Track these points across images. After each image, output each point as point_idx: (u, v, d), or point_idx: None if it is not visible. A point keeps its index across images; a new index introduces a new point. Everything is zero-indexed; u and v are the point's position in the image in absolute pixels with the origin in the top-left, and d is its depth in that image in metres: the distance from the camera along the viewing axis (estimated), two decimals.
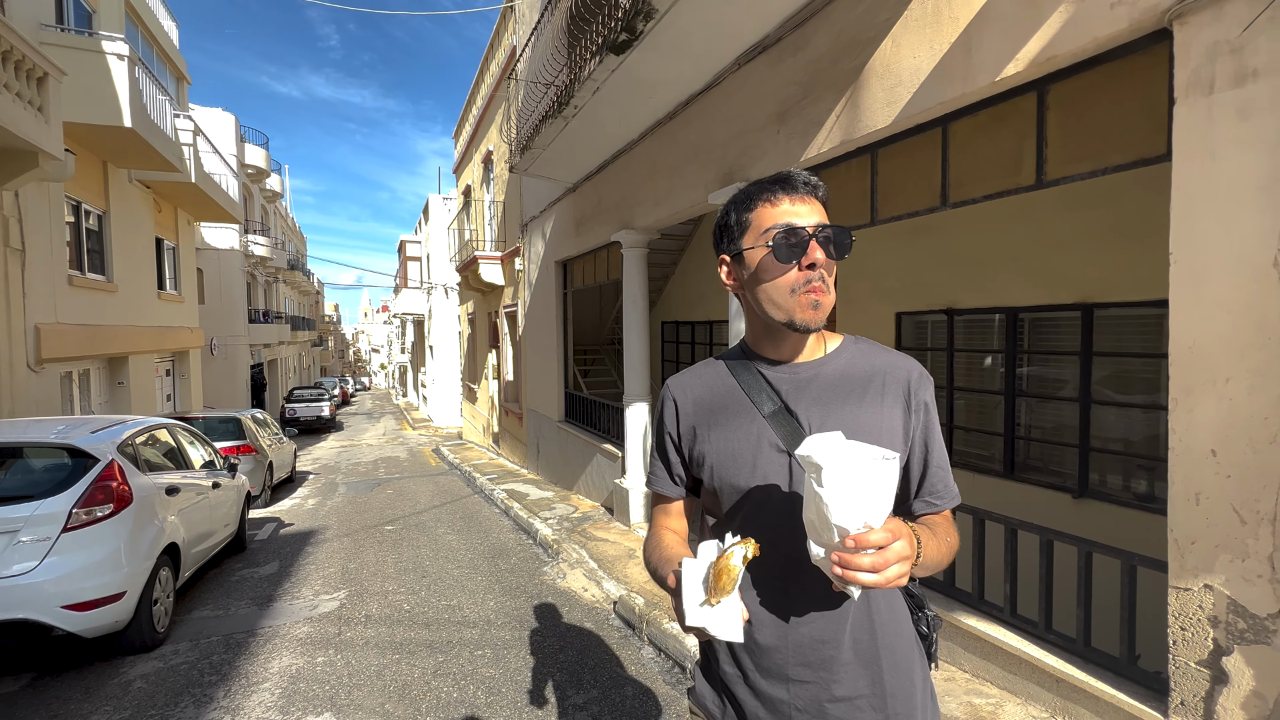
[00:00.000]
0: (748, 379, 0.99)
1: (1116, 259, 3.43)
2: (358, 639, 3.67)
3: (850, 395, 0.94)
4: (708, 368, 1.07)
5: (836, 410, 0.93)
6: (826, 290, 0.89)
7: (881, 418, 0.93)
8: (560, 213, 7.62)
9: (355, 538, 6.25)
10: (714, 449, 0.97)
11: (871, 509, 0.71)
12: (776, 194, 0.92)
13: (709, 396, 1.01)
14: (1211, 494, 1.81)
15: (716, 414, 0.99)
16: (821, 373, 0.96)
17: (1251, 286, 1.71)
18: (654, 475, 1.10)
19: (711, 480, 0.98)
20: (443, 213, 20.25)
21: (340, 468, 11.99)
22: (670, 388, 1.07)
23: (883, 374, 0.95)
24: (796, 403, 0.94)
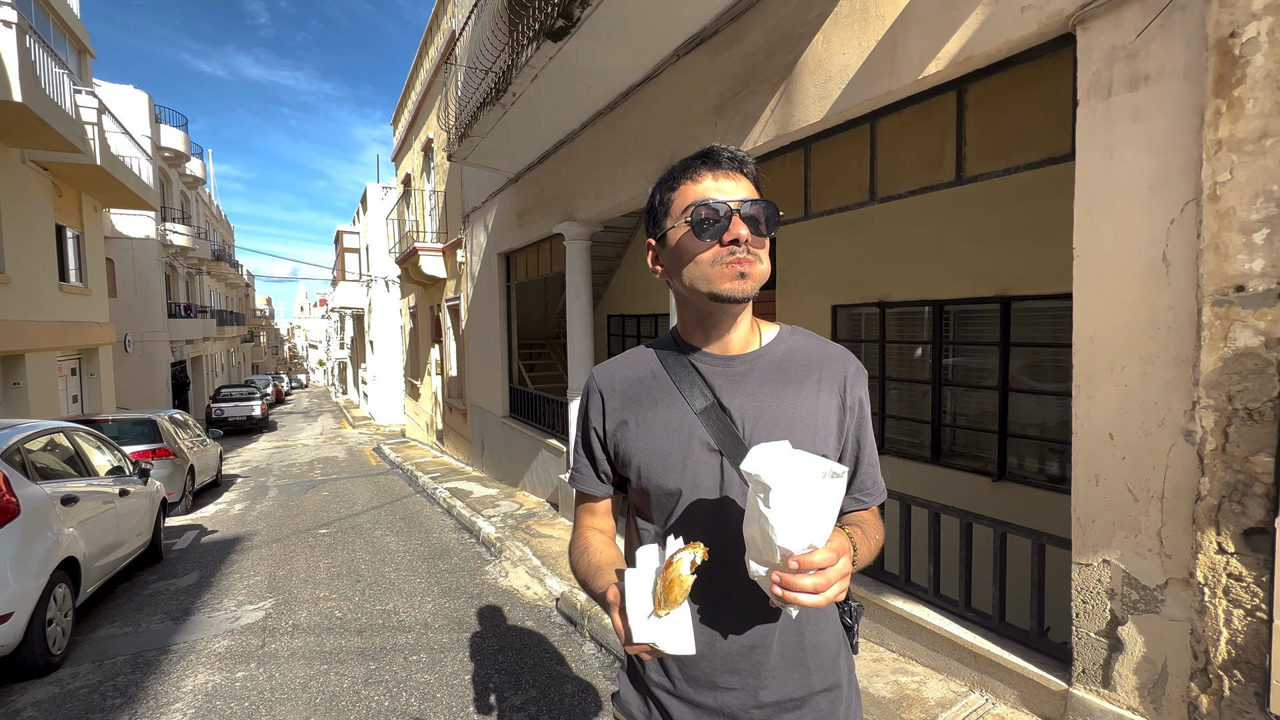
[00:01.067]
0: (679, 371, 0.93)
1: (1031, 254, 3.62)
2: (283, 650, 3.49)
3: (786, 390, 0.90)
4: (636, 357, 1.01)
5: (772, 406, 0.89)
6: (757, 260, 0.84)
7: (817, 414, 0.90)
8: (502, 204, 7.44)
9: (285, 543, 5.94)
10: (642, 447, 0.92)
11: (817, 528, 0.68)
12: (699, 170, 0.86)
13: (637, 389, 0.96)
14: (1109, 475, 1.93)
15: (645, 408, 0.93)
16: (756, 366, 0.92)
17: (1144, 279, 1.82)
18: (578, 472, 1.03)
19: (639, 480, 0.93)
20: (381, 202, 19.49)
21: (272, 470, 11.39)
22: (595, 378, 1.01)
23: (819, 367, 0.93)
24: (730, 397, 0.90)
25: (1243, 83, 1.60)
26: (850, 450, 0.95)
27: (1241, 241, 1.62)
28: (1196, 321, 1.72)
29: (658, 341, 1.02)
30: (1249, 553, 1.65)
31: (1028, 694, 2.24)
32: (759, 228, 0.84)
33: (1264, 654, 1.63)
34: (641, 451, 0.92)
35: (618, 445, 0.95)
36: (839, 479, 0.69)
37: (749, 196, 0.85)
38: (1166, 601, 1.83)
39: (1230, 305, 1.64)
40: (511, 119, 5.09)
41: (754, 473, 0.69)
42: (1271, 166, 1.56)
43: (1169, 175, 1.76)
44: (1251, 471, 1.63)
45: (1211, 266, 1.67)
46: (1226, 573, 1.69)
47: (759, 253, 0.85)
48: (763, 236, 0.85)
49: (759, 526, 0.69)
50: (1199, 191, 1.70)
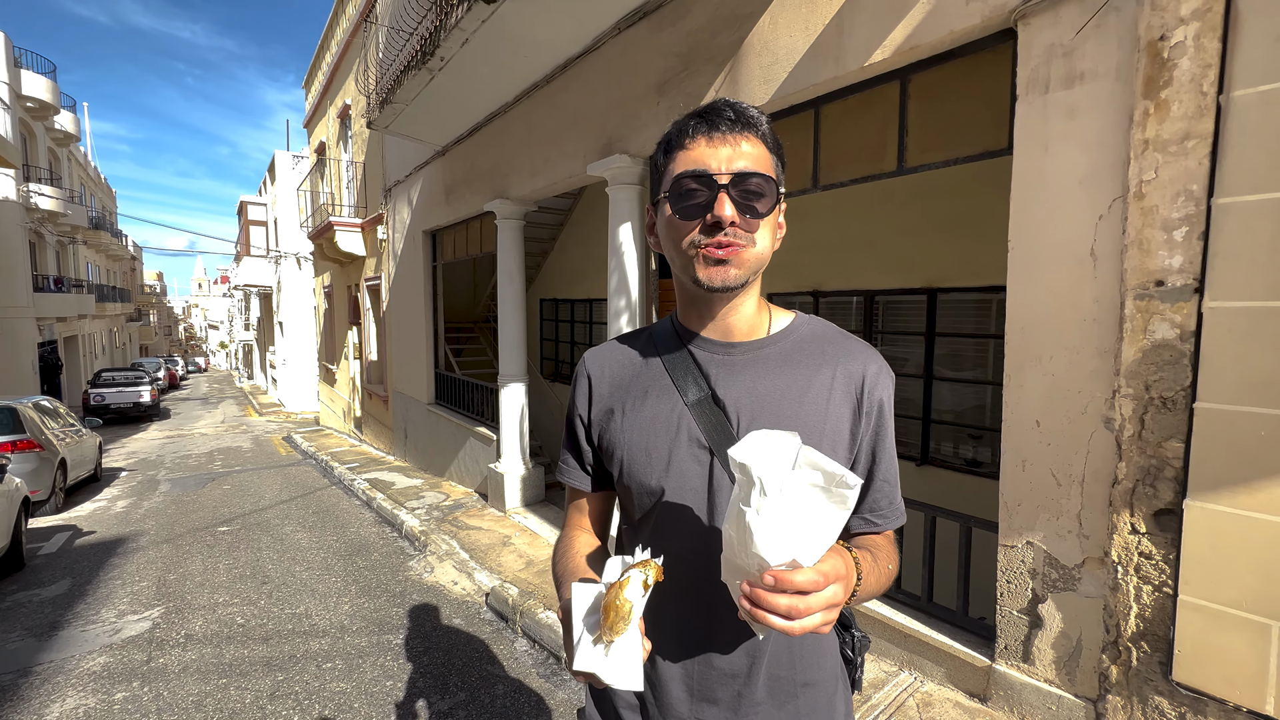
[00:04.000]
0: (674, 357, 0.84)
1: (958, 248, 3.78)
2: (173, 665, 3.12)
3: (793, 384, 0.79)
4: (633, 341, 0.91)
5: (774, 401, 0.78)
6: (746, 244, 0.73)
7: (826, 418, 0.78)
8: (429, 178, 7.01)
9: (178, 543, 5.38)
10: (626, 439, 0.83)
11: (806, 543, 0.57)
12: (694, 133, 0.75)
13: (629, 375, 0.87)
14: (1035, 460, 2.01)
15: (634, 397, 0.84)
16: (760, 356, 0.81)
17: (1072, 272, 1.89)
18: (563, 465, 0.93)
19: (621, 476, 0.84)
20: (292, 172, 18.03)
21: (164, 462, 10.34)
22: (586, 362, 0.92)
23: (834, 362, 0.80)
24: (727, 389, 0.79)
25: (1169, 85, 1.67)
26: (864, 462, 0.82)
27: (1163, 238, 1.69)
28: (1119, 314, 1.80)
29: (659, 324, 0.92)
30: (1159, 532, 1.75)
31: (954, 671, 2.33)
32: (754, 205, 0.73)
33: (1169, 626, 1.74)
34: (625, 444, 0.83)
35: (602, 435, 0.86)
36: (847, 490, 0.58)
37: (749, 167, 0.72)
38: (1083, 580, 1.93)
39: (1151, 299, 1.73)
40: (439, 86, 4.75)
41: (742, 461, 0.58)
42: (1192, 167, 1.64)
43: (1099, 172, 1.82)
44: (1164, 456, 1.73)
45: (1135, 262, 1.75)
46: (1138, 551, 1.79)
47: (753, 234, 0.74)
48: (758, 216, 0.73)
49: (737, 525, 0.59)
50: (1126, 189, 1.77)
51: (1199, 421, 1.65)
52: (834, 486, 0.58)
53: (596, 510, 0.94)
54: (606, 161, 3.85)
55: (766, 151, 0.75)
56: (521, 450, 5.55)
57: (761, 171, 0.73)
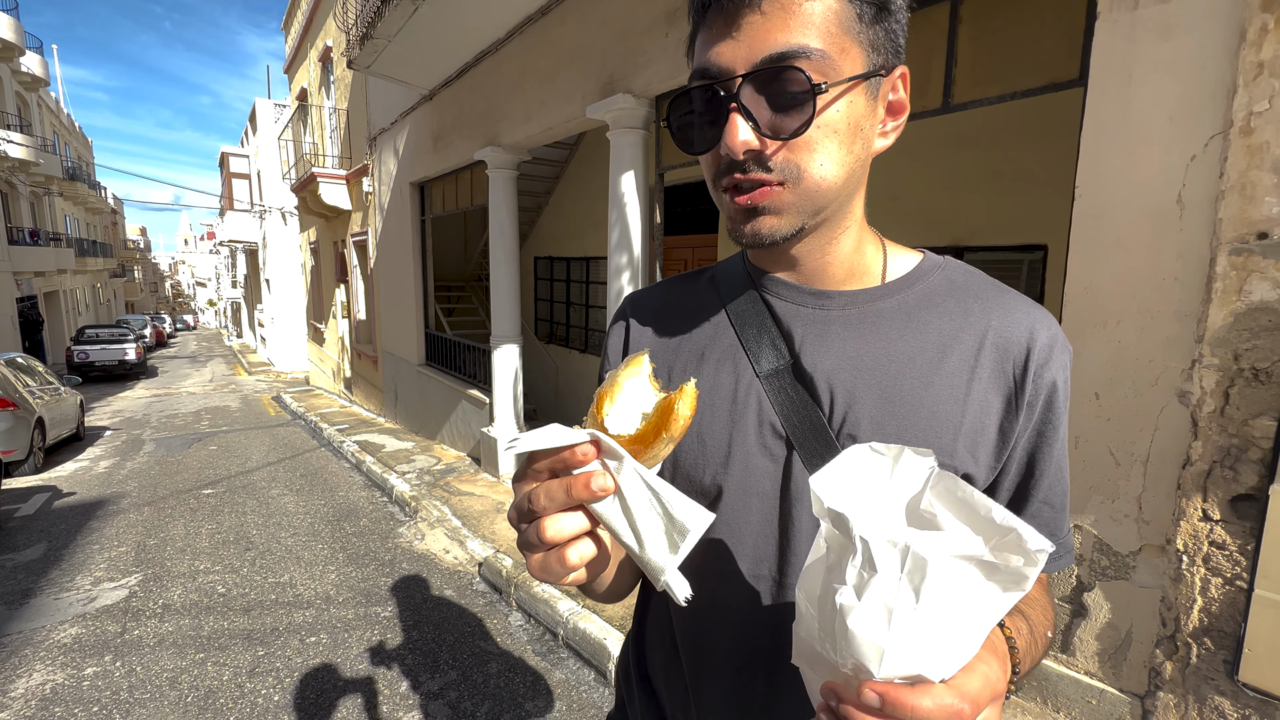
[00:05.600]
0: (744, 308, 0.61)
1: (988, 204, 3.50)
2: (149, 637, 2.96)
3: (916, 359, 0.54)
4: (690, 283, 0.68)
5: (886, 383, 0.54)
6: (787, 178, 0.48)
7: (965, 409, 0.53)
8: (415, 125, 6.58)
9: (160, 506, 5.20)
10: None
11: (941, 645, 0.34)
12: (709, 12, 0.48)
13: (682, 329, 0.64)
14: (1091, 437, 1.80)
15: (688, 359, 0.62)
16: (869, 312, 0.56)
17: (1153, 223, 1.64)
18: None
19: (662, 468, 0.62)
20: (274, 123, 17.26)
21: (150, 421, 10.11)
22: (627, 306, 0.70)
23: (981, 327, 0.54)
24: (816, 357, 0.56)
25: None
26: (1013, 475, 0.56)
27: (1272, 182, 1.44)
28: (1208, 272, 1.55)
29: (724, 263, 0.67)
30: (1235, 520, 1.55)
31: None
32: (788, 113, 0.46)
33: (1239, 622, 1.56)
34: None
35: None
36: (1030, 567, 0.33)
37: (780, 47, 0.45)
38: (1139, 568, 1.75)
39: (1249, 254, 1.48)
40: (424, 19, 4.34)
41: (836, 509, 0.35)
42: None
43: (1195, 104, 1.55)
44: (1249, 436, 1.52)
45: (1233, 210, 1.50)
46: (1209, 540, 1.60)
47: (796, 159, 0.48)
48: (798, 131, 0.47)
49: (820, 604, 0.37)
50: (1228, 123, 1.50)
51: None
52: (1004, 556, 0.33)
53: None
54: (608, 103, 3.50)
55: (827, 5, 0.46)
56: (515, 414, 5.34)
57: (803, 46, 0.45)
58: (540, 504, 0.38)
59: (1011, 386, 0.54)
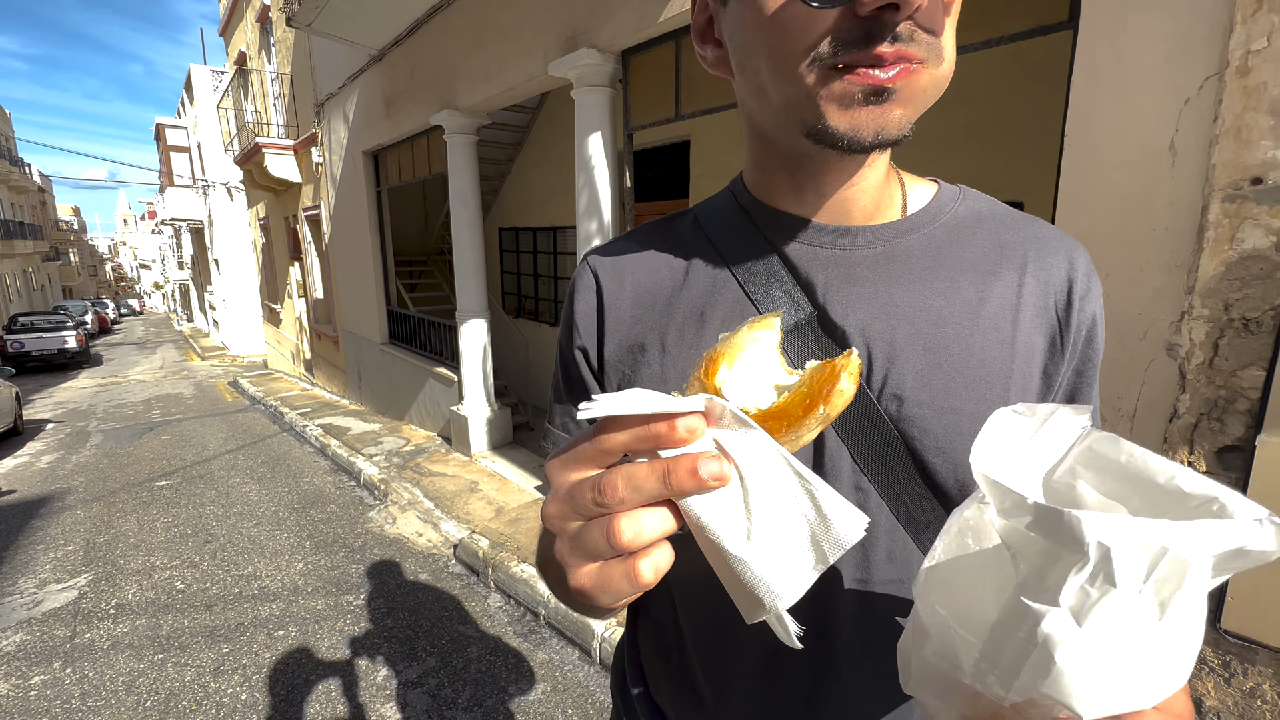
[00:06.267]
0: (748, 253, 0.51)
1: (965, 161, 3.45)
2: (101, 640, 2.79)
3: (955, 302, 0.48)
4: (668, 230, 0.57)
5: (927, 333, 0.47)
6: (930, 56, 0.38)
7: (1014, 355, 0.47)
8: (365, 89, 6.19)
9: (110, 501, 4.93)
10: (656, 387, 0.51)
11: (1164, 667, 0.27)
12: None
13: (669, 286, 0.53)
14: None
15: (683, 323, 0.51)
16: (896, 251, 0.49)
17: (1144, 171, 1.59)
18: (552, 429, 0.60)
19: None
20: (213, 91, 16.20)
21: (96, 412, 9.59)
22: (591, 265, 0.57)
23: (1020, 262, 0.49)
24: (845, 307, 0.48)
25: None
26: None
27: (1269, 124, 1.39)
28: (1199, 221, 1.51)
29: (707, 204, 0.57)
30: (1221, 472, 1.55)
31: None
32: None
33: None
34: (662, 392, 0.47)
35: (622, 381, 0.54)
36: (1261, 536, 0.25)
37: None
38: None
39: (1243, 201, 1.44)
40: None
41: (1038, 502, 0.27)
42: None
43: (1191, 44, 1.49)
44: (1237, 386, 1.50)
45: (1228, 155, 1.45)
46: None
47: (939, 36, 0.39)
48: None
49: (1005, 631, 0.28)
50: (1224, 63, 1.44)
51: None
52: (1242, 542, 0.25)
53: None
54: (571, 58, 3.30)
55: None
56: (485, 391, 5.18)
57: None
58: (618, 494, 0.28)
59: (1055, 325, 0.48)
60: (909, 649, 0.33)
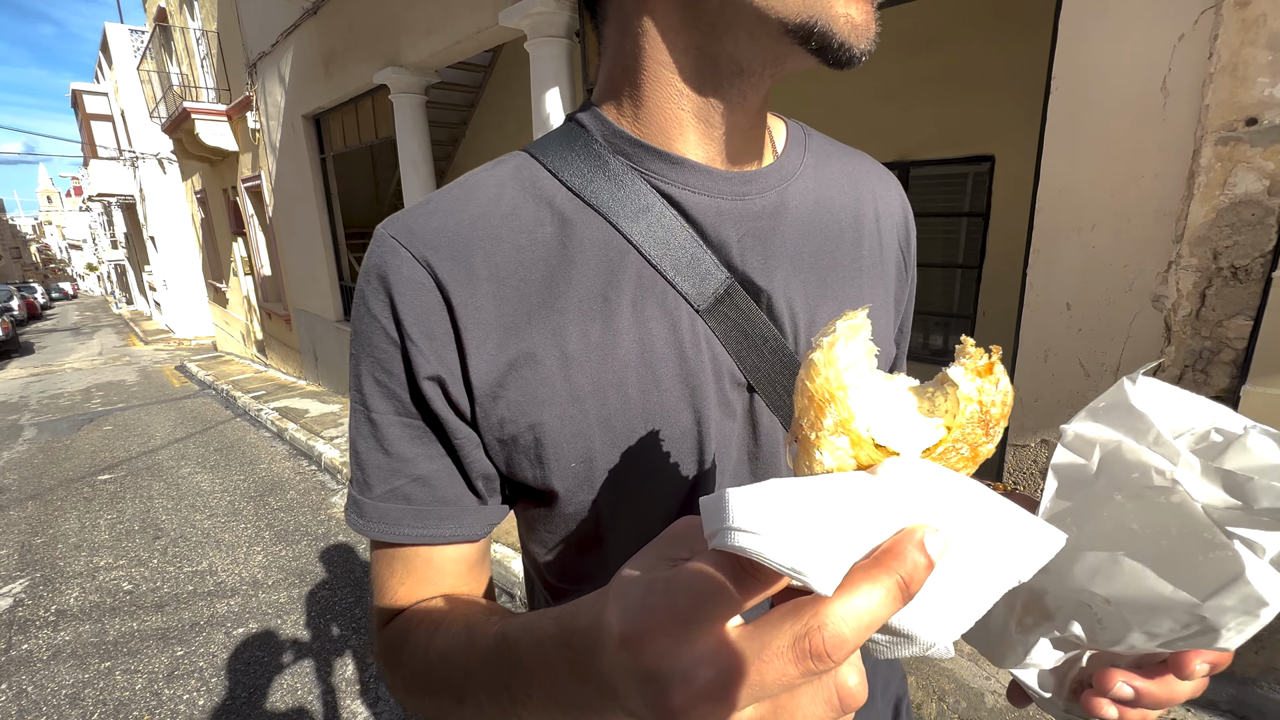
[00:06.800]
0: (633, 209, 0.41)
1: (934, 112, 3.36)
2: (41, 650, 2.59)
3: (841, 245, 0.47)
4: (500, 186, 0.43)
5: (834, 280, 0.45)
6: None
7: (889, 288, 0.50)
8: (300, 46, 5.73)
9: (47, 499, 4.60)
10: (581, 406, 0.40)
11: None
12: None
13: (540, 267, 0.41)
14: (1061, 349, 1.74)
15: (590, 309, 0.40)
16: (789, 198, 0.44)
17: (1135, 114, 1.52)
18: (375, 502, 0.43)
19: (567, 481, 0.41)
20: (133, 52, 14.92)
21: (28, 404, 8.98)
22: (417, 251, 0.40)
23: (871, 199, 0.49)
24: (771, 269, 0.43)
25: None
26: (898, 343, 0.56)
27: (1267, 60, 1.32)
28: (1190, 166, 1.45)
29: (551, 147, 0.44)
30: None
31: None
32: None
33: None
34: (580, 414, 0.40)
35: (511, 407, 0.40)
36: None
37: None
38: None
39: (1237, 143, 1.38)
40: None
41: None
42: None
43: None
44: (1223, 337, 1.47)
45: (1222, 94, 1.38)
46: None
47: None
48: None
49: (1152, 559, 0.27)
50: None
51: (1276, 294, 1.38)
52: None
53: (472, 562, 0.46)
54: (522, 6, 3.05)
55: None
56: None
57: None
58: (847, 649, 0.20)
59: (900, 255, 0.52)
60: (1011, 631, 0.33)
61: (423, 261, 0.39)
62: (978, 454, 0.25)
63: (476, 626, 0.37)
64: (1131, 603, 0.27)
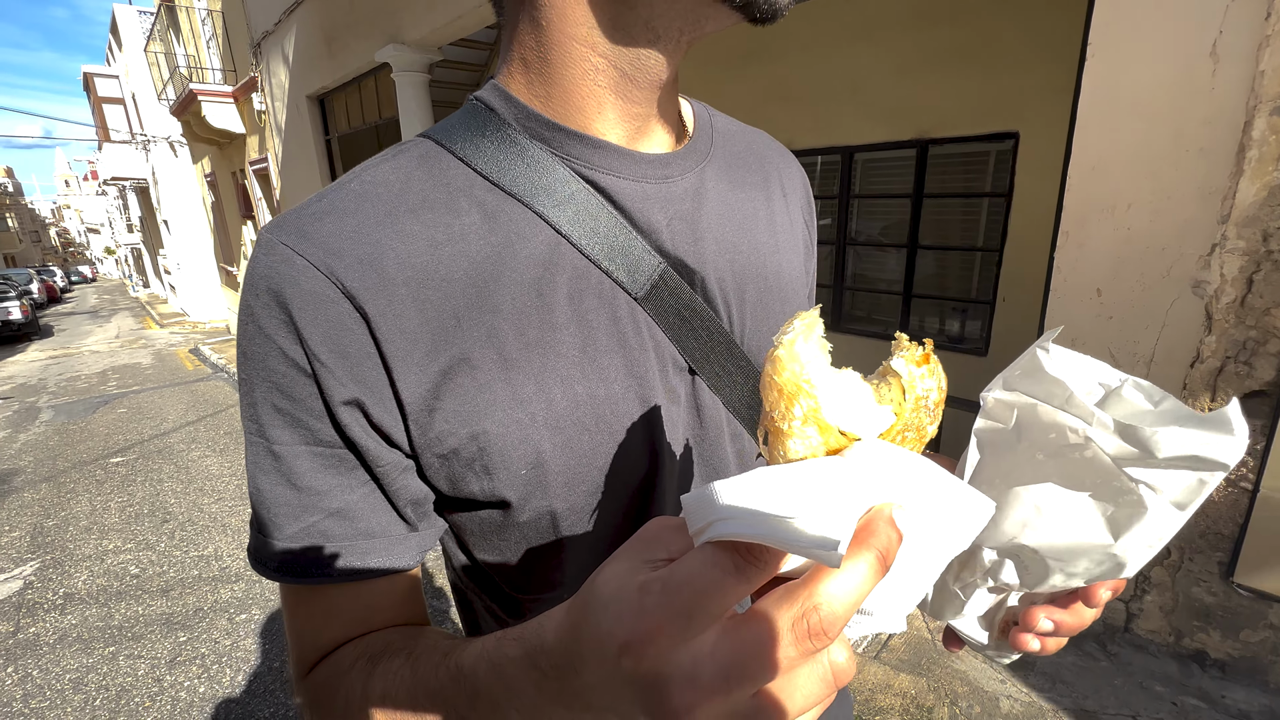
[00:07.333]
0: (557, 196, 0.38)
1: (956, 88, 3.20)
2: (47, 634, 2.61)
3: (758, 223, 0.47)
4: (404, 176, 0.38)
5: (755, 258, 0.46)
6: None
7: (803, 266, 0.52)
8: (303, 25, 5.63)
9: (60, 481, 4.66)
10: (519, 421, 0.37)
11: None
12: None
13: (463, 264, 0.37)
14: (1090, 337, 1.63)
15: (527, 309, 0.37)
16: (707, 178, 0.44)
17: (1178, 84, 1.39)
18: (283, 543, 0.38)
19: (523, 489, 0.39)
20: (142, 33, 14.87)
21: (46, 386, 9.12)
22: (318, 261, 0.34)
23: (776, 175, 0.51)
24: (702, 251, 0.43)
25: None
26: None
27: None
28: (1240, 140, 1.33)
29: (456, 131, 0.40)
30: (1246, 418, 1.43)
31: None
32: None
33: (1238, 524, 1.48)
34: (524, 421, 0.37)
35: (450, 419, 0.37)
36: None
37: None
38: None
39: None
40: None
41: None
42: None
43: None
44: (1270, 326, 1.36)
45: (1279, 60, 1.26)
46: None
47: None
48: None
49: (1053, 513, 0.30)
50: None
51: None
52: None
53: (403, 592, 0.42)
54: None
55: None
56: None
57: None
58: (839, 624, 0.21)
59: (806, 230, 0.54)
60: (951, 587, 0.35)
61: (325, 270, 0.34)
62: (923, 435, 0.28)
63: (421, 659, 0.34)
64: (1055, 549, 0.30)
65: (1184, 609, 1.61)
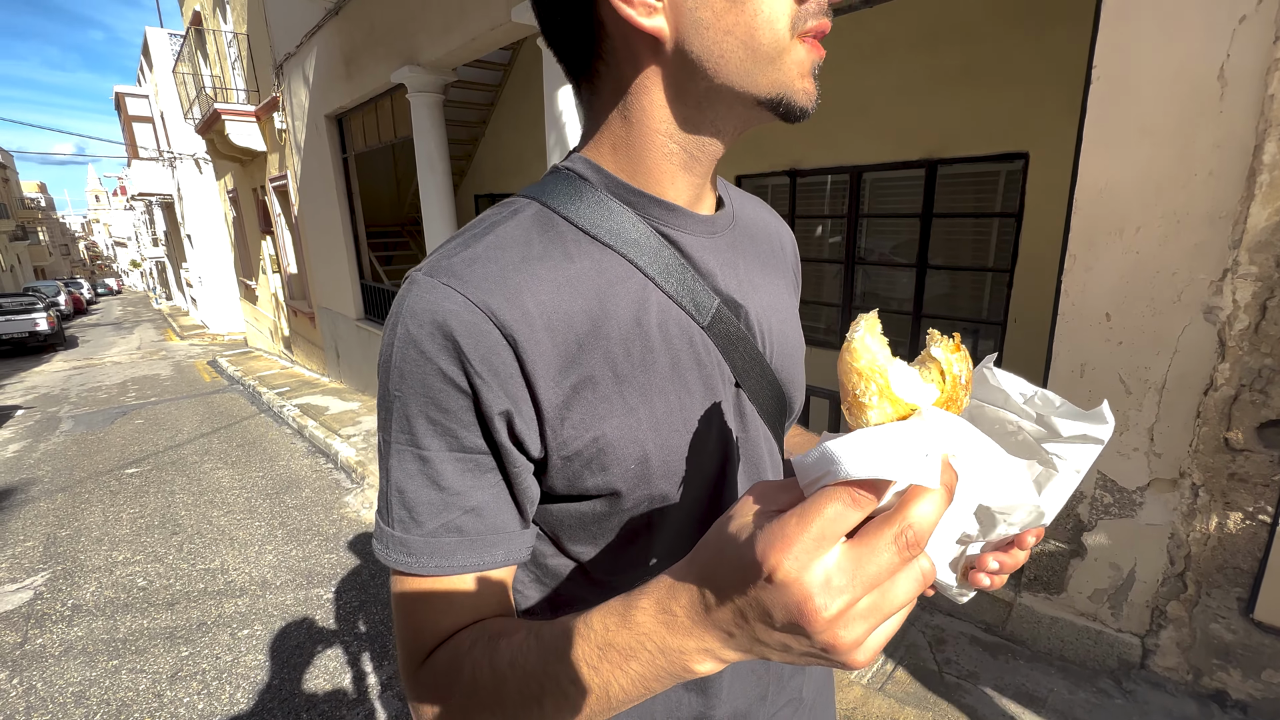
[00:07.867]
0: (643, 247, 0.48)
1: (964, 108, 3.19)
2: (54, 646, 2.62)
3: (772, 272, 0.61)
4: (527, 233, 0.47)
5: (779, 307, 0.59)
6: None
7: (797, 304, 0.65)
8: (324, 47, 5.77)
9: (76, 491, 4.72)
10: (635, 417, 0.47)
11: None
12: None
13: (581, 303, 0.46)
14: (1099, 363, 1.59)
15: (621, 339, 0.47)
16: (738, 235, 0.57)
17: (1185, 105, 1.37)
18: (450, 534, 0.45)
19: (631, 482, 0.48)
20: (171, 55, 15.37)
21: (69, 396, 9.30)
22: (477, 299, 0.43)
23: (776, 232, 0.66)
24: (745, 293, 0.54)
25: None
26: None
27: None
28: (1250, 163, 1.31)
29: (557, 194, 0.49)
30: (1261, 449, 1.38)
31: (970, 603, 2.06)
32: None
33: (1257, 558, 1.42)
34: (633, 425, 0.47)
35: (576, 426, 0.46)
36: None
37: None
38: (1146, 505, 1.59)
39: None
40: None
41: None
42: None
43: None
44: None
45: None
46: (1229, 472, 1.43)
47: None
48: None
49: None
50: None
51: None
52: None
53: (509, 585, 0.49)
54: None
55: None
56: None
57: None
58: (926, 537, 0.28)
59: (795, 275, 0.66)
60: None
61: (481, 305, 0.42)
62: (960, 405, 0.34)
63: (542, 629, 0.40)
64: (1002, 506, 0.38)
65: (1202, 646, 1.55)
